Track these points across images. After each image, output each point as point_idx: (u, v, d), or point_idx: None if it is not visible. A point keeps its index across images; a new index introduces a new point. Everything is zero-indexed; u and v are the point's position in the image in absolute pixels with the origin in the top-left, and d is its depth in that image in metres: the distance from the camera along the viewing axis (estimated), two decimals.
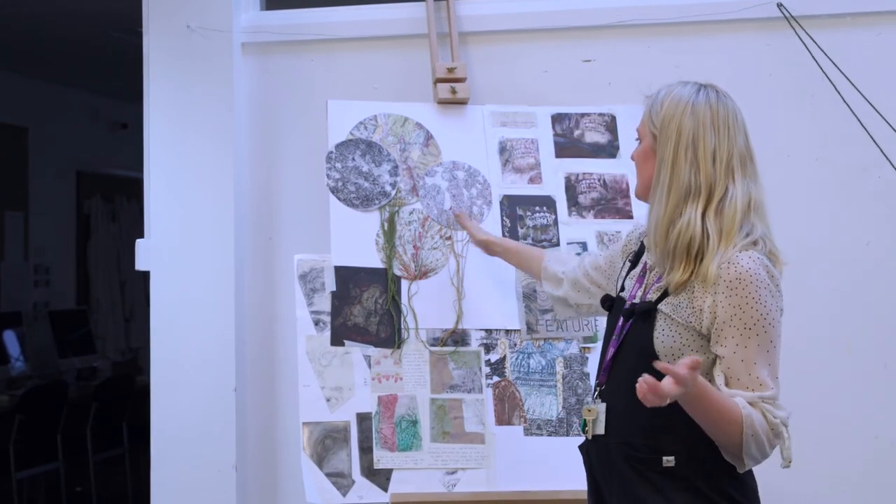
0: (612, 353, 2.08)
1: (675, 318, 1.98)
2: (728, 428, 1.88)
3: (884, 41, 3.10)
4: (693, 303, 1.96)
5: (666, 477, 1.97)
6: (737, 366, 1.92)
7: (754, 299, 1.90)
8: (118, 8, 5.44)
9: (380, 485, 2.75)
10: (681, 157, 1.98)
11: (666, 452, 1.96)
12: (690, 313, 1.96)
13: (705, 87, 2.05)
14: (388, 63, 3.30)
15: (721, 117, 2.00)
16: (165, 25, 3.32)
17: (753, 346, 1.91)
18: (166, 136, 3.31)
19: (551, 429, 2.82)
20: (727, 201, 1.96)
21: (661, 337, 1.99)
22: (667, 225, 1.98)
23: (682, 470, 1.96)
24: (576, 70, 3.23)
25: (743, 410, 1.87)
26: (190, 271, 3.27)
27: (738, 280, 1.90)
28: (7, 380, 6.39)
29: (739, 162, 1.99)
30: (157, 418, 3.28)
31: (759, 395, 1.90)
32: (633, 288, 2.13)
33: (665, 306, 1.99)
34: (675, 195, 1.98)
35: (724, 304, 1.91)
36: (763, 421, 1.89)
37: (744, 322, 1.90)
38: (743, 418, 1.87)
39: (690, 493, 1.95)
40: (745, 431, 1.87)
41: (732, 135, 2.00)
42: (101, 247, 8.18)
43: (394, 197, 2.99)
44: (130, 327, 8.28)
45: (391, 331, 2.87)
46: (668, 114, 2.02)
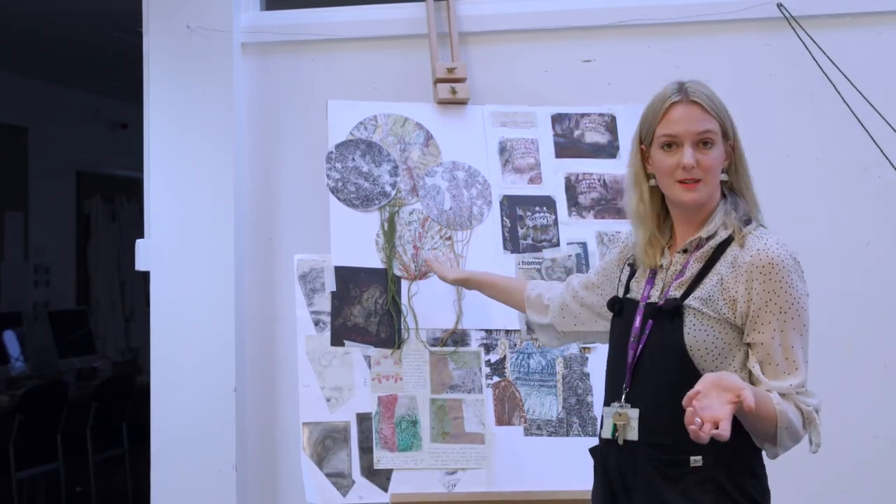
0: (634, 355, 2.04)
1: (707, 313, 1.97)
2: (764, 424, 1.91)
3: (884, 41, 3.10)
4: (725, 293, 1.96)
5: (693, 477, 1.96)
6: (775, 350, 1.93)
7: (787, 283, 1.93)
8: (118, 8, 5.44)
9: (380, 485, 2.75)
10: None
11: (694, 452, 1.94)
12: (723, 304, 1.96)
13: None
14: (388, 63, 3.30)
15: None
16: (165, 25, 3.32)
17: (790, 329, 1.93)
18: (166, 136, 3.31)
19: (551, 429, 2.82)
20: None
21: (693, 333, 1.97)
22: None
23: (708, 470, 1.95)
24: (576, 70, 3.23)
25: (777, 407, 1.90)
26: (190, 271, 3.27)
27: (771, 265, 1.93)
28: (7, 380, 6.39)
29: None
30: (157, 418, 3.28)
31: (792, 383, 1.93)
32: (644, 289, 2.09)
33: (694, 301, 1.98)
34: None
35: (758, 290, 1.93)
36: (797, 412, 1.93)
37: (779, 306, 1.93)
38: (777, 414, 1.90)
39: (716, 494, 1.95)
40: (780, 426, 1.90)
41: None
42: (101, 247, 8.18)
43: (394, 197, 2.99)
44: (130, 327, 8.27)
45: (391, 331, 2.87)
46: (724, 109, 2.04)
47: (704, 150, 2.00)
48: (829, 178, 3.11)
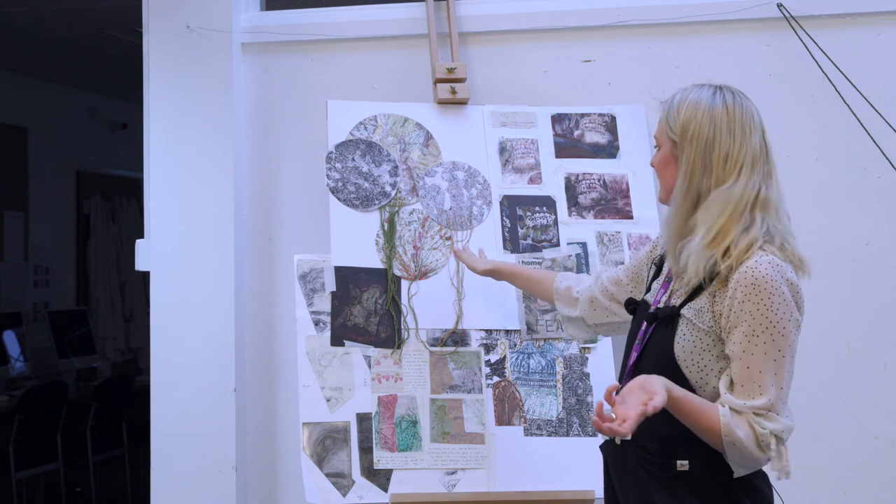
0: (635, 357, 2.08)
1: (697, 324, 1.98)
2: (709, 435, 1.91)
3: (884, 41, 3.10)
4: (713, 307, 1.96)
5: (680, 481, 1.97)
6: (741, 371, 1.92)
7: (766, 307, 1.89)
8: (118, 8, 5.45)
9: (380, 485, 2.75)
10: (696, 163, 1.99)
11: (680, 457, 1.97)
12: (710, 317, 1.96)
13: (721, 88, 2.05)
14: (388, 63, 3.30)
15: (737, 119, 2.00)
16: (165, 25, 3.32)
17: (760, 353, 1.90)
18: (166, 136, 3.31)
19: (551, 429, 2.82)
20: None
21: (682, 342, 1.99)
22: (680, 229, 2.01)
23: (696, 475, 1.96)
24: (576, 70, 3.23)
25: (722, 419, 1.88)
26: (190, 271, 3.27)
27: (754, 286, 1.90)
28: (7, 380, 6.39)
29: (751, 161, 1.98)
30: (157, 418, 3.28)
31: (751, 404, 1.90)
32: (658, 293, 2.12)
33: (687, 311, 2.00)
34: (689, 200, 1.99)
35: (737, 308, 1.91)
36: (749, 432, 1.89)
37: (752, 328, 1.90)
38: (721, 427, 1.88)
39: (704, 499, 1.96)
40: (724, 440, 1.89)
41: (748, 134, 2.00)
42: (100, 247, 8.17)
43: (394, 197, 2.99)
44: (130, 327, 8.27)
45: (391, 331, 2.87)
46: (686, 119, 2.01)
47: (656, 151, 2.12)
48: (829, 178, 3.11)
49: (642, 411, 1.78)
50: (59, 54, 6.89)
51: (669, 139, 2.06)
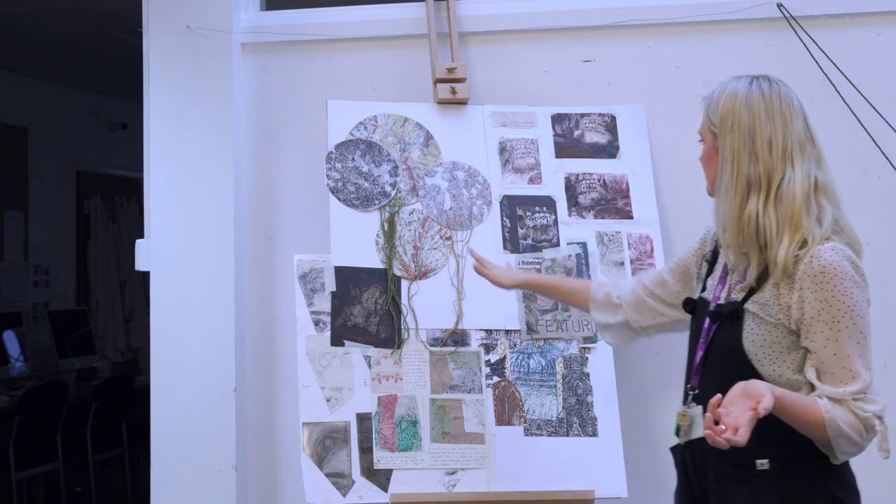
0: (701, 355, 2.08)
1: (764, 317, 1.99)
2: (813, 430, 1.91)
3: (884, 41, 3.10)
4: (780, 300, 1.97)
5: (760, 480, 1.98)
6: (829, 359, 1.93)
7: (840, 292, 1.92)
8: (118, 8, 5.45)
9: (380, 485, 2.75)
10: (741, 151, 2.01)
11: (760, 455, 1.97)
12: (778, 310, 1.97)
13: (758, 78, 2.07)
14: (388, 63, 3.30)
15: (775, 106, 2.02)
16: (165, 25, 3.32)
17: (844, 338, 1.93)
18: (166, 136, 3.31)
19: (551, 429, 2.82)
20: (787, 187, 1.98)
21: (751, 336, 2.00)
22: (736, 220, 2.00)
23: (776, 473, 1.97)
24: (576, 70, 3.23)
25: (825, 415, 1.89)
26: (190, 271, 3.27)
27: (823, 274, 1.92)
28: (7, 380, 6.39)
29: (798, 147, 2.00)
30: (157, 418, 3.27)
31: (849, 390, 1.91)
32: (715, 289, 2.13)
33: (752, 305, 2.01)
34: (740, 190, 2.00)
35: (810, 299, 1.93)
36: (852, 419, 1.90)
37: (832, 315, 1.92)
38: (826, 422, 1.89)
39: (786, 498, 1.96)
40: (830, 434, 1.89)
41: (789, 121, 2.01)
42: (100, 247, 8.17)
43: (394, 197, 2.99)
44: (130, 327, 8.27)
45: (391, 331, 2.87)
46: (724, 111, 2.04)
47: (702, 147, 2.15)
48: None
49: (753, 416, 1.77)
50: (59, 54, 6.89)
51: (710, 132, 2.09)
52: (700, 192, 3.11)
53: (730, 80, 2.09)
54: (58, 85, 7.72)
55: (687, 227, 3.13)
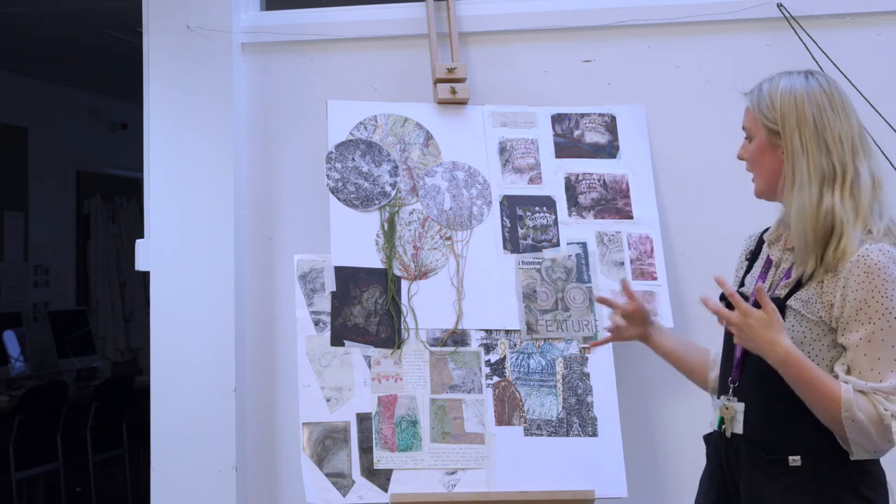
0: (741, 350, 2.07)
1: (806, 314, 1.99)
2: (827, 406, 1.91)
3: (884, 41, 3.10)
4: (823, 297, 1.97)
5: (792, 477, 1.98)
6: (860, 359, 1.93)
7: (882, 294, 1.91)
8: (118, 8, 5.45)
9: (380, 485, 2.75)
10: (812, 145, 1.99)
11: (792, 452, 1.98)
12: (821, 308, 1.97)
13: (812, 73, 2.07)
14: (388, 63, 3.30)
15: (837, 100, 2.03)
16: (165, 25, 3.32)
17: (878, 340, 1.92)
18: (166, 136, 3.31)
19: (551, 429, 2.82)
20: (859, 181, 1.98)
21: (791, 333, 1.98)
22: (815, 213, 1.97)
23: (808, 470, 1.97)
24: (576, 70, 3.23)
25: (844, 394, 1.89)
26: (190, 271, 3.27)
27: (867, 274, 1.92)
28: (7, 380, 6.39)
29: (860, 141, 2.01)
30: (157, 418, 3.27)
31: (874, 385, 1.91)
32: (755, 283, 2.11)
33: (795, 302, 2.00)
34: (815, 183, 1.98)
35: (851, 297, 1.93)
36: (870, 409, 1.90)
37: (869, 316, 1.92)
38: (842, 401, 1.89)
39: (817, 495, 1.97)
40: (844, 414, 1.89)
41: (850, 114, 2.02)
42: (100, 247, 8.18)
43: (394, 197, 2.99)
44: (130, 327, 8.27)
45: (391, 331, 2.87)
46: (786, 106, 2.03)
47: (746, 143, 2.12)
48: None
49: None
50: (59, 54, 6.89)
51: (766, 128, 2.06)
52: (700, 193, 3.13)
53: (779, 76, 2.08)
54: (58, 85, 7.72)
55: (687, 227, 3.14)
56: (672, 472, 3.11)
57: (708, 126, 3.13)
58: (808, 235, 1.98)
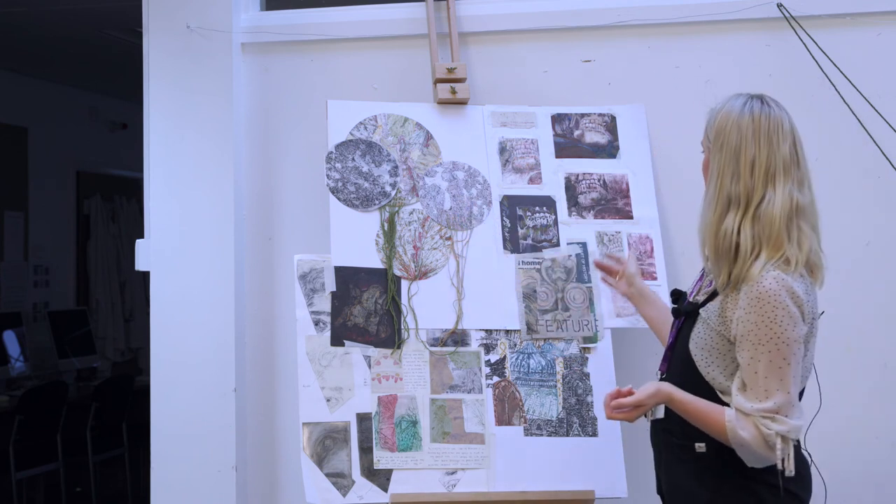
0: (669, 344, 2.28)
1: (710, 324, 2.14)
2: (716, 432, 2.09)
3: (884, 41, 3.10)
4: (724, 313, 2.11)
5: (701, 462, 2.14)
6: (750, 376, 2.06)
7: (770, 319, 2.03)
8: (118, 8, 5.45)
9: (380, 485, 2.75)
10: (724, 169, 2.12)
11: (699, 440, 2.14)
12: (721, 322, 2.12)
13: (752, 98, 2.16)
14: (388, 63, 3.30)
15: (763, 128, 2.11)
16: (165, 25, 3.32)
17: (766, 361, 2.04)
18: (166, 136, 3.31)
19: (551, 429, 2.82)
20: (763, 207, 2.08)
21: (696, 339, 2.17)
22: (714, 231, 2.12)
23: (712, 457, 2.13)
24: (576, 70, 3.23)
25: (728, 423, 2.05)
26: (190, 271, 3.27)
27: (759, 300, 2.03)
28: (7, 380, 6.39)
29: (782, 169, 2.10)
30: (157, 418, 3.28)
31: (759, 407, 2.04)
32: (692, 288, 2.31)
33: (704, 311, 2.17)
34: (720, 204, 2.12)
35: (744, 319, 2.06)
36: (755, 433, 2.03)
37: (758, 338, 2.04)
38: (727, 430, 2.05)
39: (723, 478, 2.12)
40: (731, 441, 2.06)
41: (774, 143, 2.11)
42: (100, 247, 8.17)
43: (394, 197, 2.99)
44: (130, 327, 8.27)
45: (391, 331, 2.87)
46: (718, 128, 2.16)
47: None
48: (829, 179, 3.10)
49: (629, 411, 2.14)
50: (59, 54, 6.89)
51: (707, 147, 2.22)
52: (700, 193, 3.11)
53: (729, 98, 2.19)
54: (58, 85, 7.72)
55: (687, 227, 3.13)
56: None
57: None
58: (709, 252, 2.13)
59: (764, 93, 2.19)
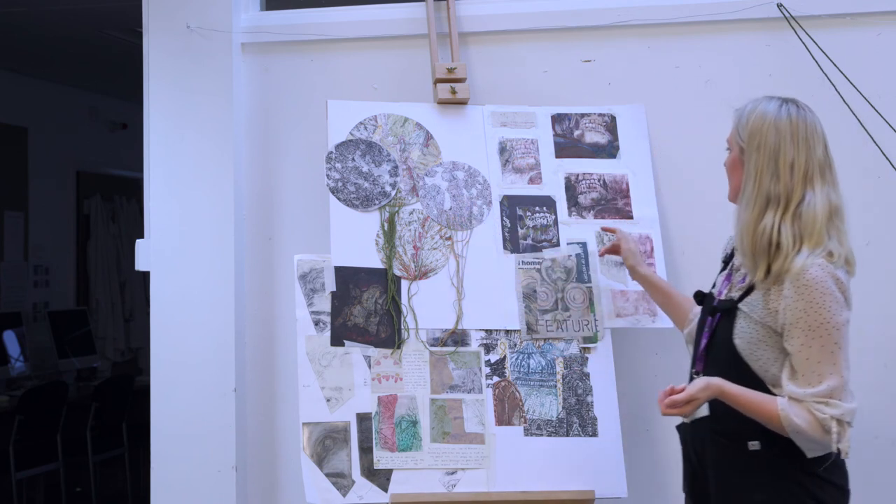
0: (705, 344, 2.31)
1: (753, 317, 2.20)
2: (770, 423, 2.14)
3: (884, 41, 3.10)
4: (768, 304, 2.18)
5: (753, 460, 2.19)
6: (801, 363, 2.14)
7: (819, 305, 2.11)
8: (118, 8, 5.45)
9: (380, 485, 2.75)
10: (763, 169, 2.20)
11: (751, 438, 2.19)
12: (766, 314, 2.18)
13: (787, 102, 2.26)
14: (388, 63, 3.30)
15: (800, 131, 2.22)
16: (165, 25, 3.32)
17: (817, 346, 2.12)
18: (166, 136, 3.31)
19: (551, 429, 2.82)
20: (804, 207, 2.17)
21: (741, 334, 2.22)
22: (752, 229, 2.20)
23: (767, 453, 2.18)
24: (576, 70, 3.23)
25: (781, 412, 2.11)
26: (190, 271, 3.27)
27: (806, 287, 2.12)
28: (7, 380, 6.39)
29: (818, 171, 2.20)
30: (157, 418, 3.28)
31: (810, 392, 2.11)
32: (721, 286, 2.37)
33: (744, 305, 2.23)
34: (759, 203, 2.20)
35: (792, 307, 2.13)
36: (810, 418, 2.10)
37: (808, 324, 2.12)
38: (781, 418, 2.11)
39: (776, 475, 2.17)
40: (787, 429, 2.11)
41: (811, 146, 2.21)
42: (100, 247, 8.17)
43: (394, 197, 2.99)
44: (130, 327, 8.27)
45: (391, 331, 2.87)
46: (753, 129, 2.23)
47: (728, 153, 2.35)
48: None
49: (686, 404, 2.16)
50: (59, 54, 6.89)
51: (738, 145, 2.28)
52: (700, 193, 3.13)
53: (761, 99, 2.27)
54: (58, 85, 7.72)
55: (687, 227, 3.14)
56: (672, 472, 3.10)
57: (708, 126, 3.13)
58: (747, 249, 2.21)
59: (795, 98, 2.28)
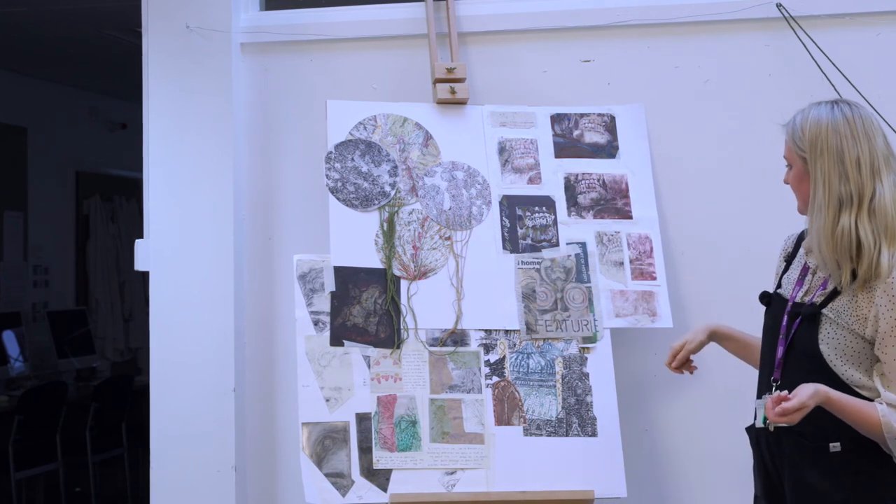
0: (783, 351, 2.26)
1: (840, 323, 2.17)
2: (871, 431, 2.11)
3: (883, 41, 3.10)
4: (857, 311, 2.15)
5: (835, 461, 2.16)
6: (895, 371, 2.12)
7: None
8: (118, 8, 5.45)
9: (379, 485, 2.75)
10: (831, 172, 2.18)
11: (833, 439, 2.16)
12: (854, 320, 2.16)
13: (837, 103, 2.25)
14: (387, 63, 3.30)
15: (859, 127, 2.19)
16: (165, 25, 3.32)
17: None
18: (166, 136, 3.31)
19: (551, 429, 2.82)
20: (877, 201, 2.15)
21: (827, 340, 2.18)
22: (830, 234, 2.16)
23: (847, 455, 2.16)
24: (575, 70, 3.23)
25: (882, 418, 2.09)
26: (190, 271, 3.27)
27: None
28: (6, 380, 6.39)
29: (883, 162, 2.18)
30: (156, 418, 3.27)
31: None
32: (793, 288, 2.30)
33: (830, 311, 2.19)
34: (832, 207, 2.17)
35: (885, 315, 2.11)
36: None
37: None
38: (882, 424, 2.09)
39: (858, 476, 2.15)
40: (886, 435, 2.10)
41: (872, 138, 2.19)
42: (100, 247, 8.17)
43: (393, 197, 2.99)
44: (130, 327, 8.27)
45: (390, 331, 2.87)
46: (812, 136, 2.21)
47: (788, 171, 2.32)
48: None
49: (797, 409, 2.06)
50: (59, 54, 6.89)
51: (799, 157, 2.25)
52: (699, 192, 3.13)
53: (810, 107, 2.26)
54: (58, 85, 7.72)
55: (686, 227, 3.14)
56: (672, 472, 3.11)
57: (707, 126, 3.14)
58: (827, 255, 2.17)
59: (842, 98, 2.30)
